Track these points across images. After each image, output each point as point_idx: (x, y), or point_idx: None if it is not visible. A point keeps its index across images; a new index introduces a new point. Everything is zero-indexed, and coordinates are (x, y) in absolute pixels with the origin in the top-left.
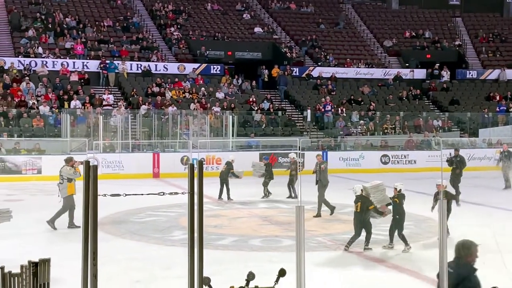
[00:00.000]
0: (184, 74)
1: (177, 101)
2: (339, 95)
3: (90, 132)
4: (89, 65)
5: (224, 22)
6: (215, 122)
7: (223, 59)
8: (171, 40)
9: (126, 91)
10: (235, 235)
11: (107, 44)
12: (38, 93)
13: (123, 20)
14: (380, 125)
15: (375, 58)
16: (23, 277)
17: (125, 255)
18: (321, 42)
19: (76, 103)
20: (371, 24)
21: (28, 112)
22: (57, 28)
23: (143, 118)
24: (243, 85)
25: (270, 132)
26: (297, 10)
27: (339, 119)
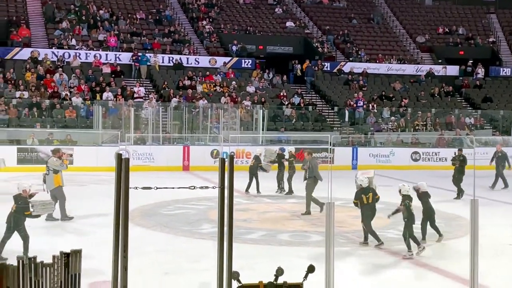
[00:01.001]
0: (215, 67)
1: (208, 95)
2: (370, 90)
3: (121, 124)
4: (121, 57)
5: (256, 16)
6: (245, 116)
7: (254, 53)
8: (203, 34)
9: (157, 84)
10: (264, 230)
11: (140, 36)
12: (71, 85)
13: (156, 13)
14: (411, 121)
15: (407, 54)
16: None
17: (154, 247)
18: (353, 37)
19: (108, 95)
20: (404, 20)
21: (61, 103)
22: (91, 20)
23: (174, 111)
24: (274, 79)
25: (300, 127)
26: (329, 5)
27: (370, 115)
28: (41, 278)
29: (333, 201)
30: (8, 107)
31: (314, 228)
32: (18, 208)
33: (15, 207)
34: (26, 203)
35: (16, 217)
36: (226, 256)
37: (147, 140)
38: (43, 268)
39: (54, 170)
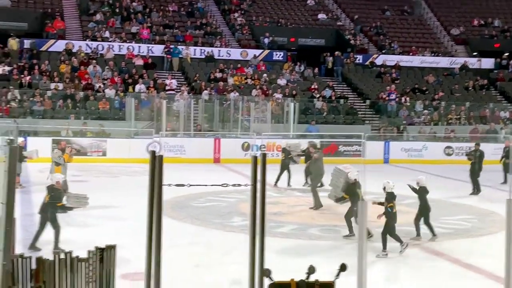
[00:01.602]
0: (246, 60)
1: (239, 87)
2: (403, 83)
3: (153, 116)
4: (153, 50)
5: (288, 8)
6: (276, 108)
7: (286, 45)
8: (234, 26)
9: (189, 76)
10: (294, 223)
11: (172, 29)
12: (104, 77)
13: (188, 5)
14: (445, 115)
15: (441, 46)
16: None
17: (185, 240)
18: (386, 29)
19: (141, 87)
20: (438, 12)
21: (94, 95)
22: (124, 12)
23: (205, 103)
24: (305, 72)
25: (331, 120)
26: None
27: (403, 108)
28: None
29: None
30: (43, 98)
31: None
32: (51, 198)
33: (47, 198)
34: (58, 194)
35: (48, 208)
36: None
37: (179, 132)
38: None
39: (56, 162)
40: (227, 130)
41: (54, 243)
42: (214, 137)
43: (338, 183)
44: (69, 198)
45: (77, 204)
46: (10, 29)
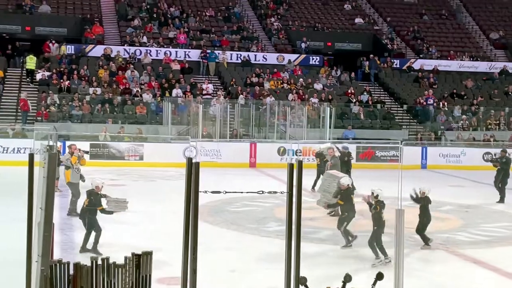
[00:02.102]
0: (283, 64)
1: (275, 92)
2: (441, 88)
3: (190, 120)
4: (190, 55)
5: (325, 13)
6: (313, 113)
7: (322, 50)
8: (271, 31)
9: (225, 81)
10: (330, 229)
11: (209, 33)
12: (141, 81)
13: (225, 10)
14: (484, 120)
15: (480, 50)
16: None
17: (221, 245)
18: (423, 34)
19: (178, 91)
20: (477, 16)
21: (132, 99)
22: (162, 17)
23: (241, 108)
24: (341, 76)
25: (368, 125)
26: (400, 1)
27: (440, 113)
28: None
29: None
30: (81, 103)
31: None
32: (91, 202)
33: (87, 202)
34: (98, 198)
35: (88, 212)
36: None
37: (215, 137)
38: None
39: (66, 166)
40: (263, 134)
41: (93, 245)
42: (250, 142)
43: (330, 189)
44: (109, 202)
45: (117, 208)
46: (50, 34)
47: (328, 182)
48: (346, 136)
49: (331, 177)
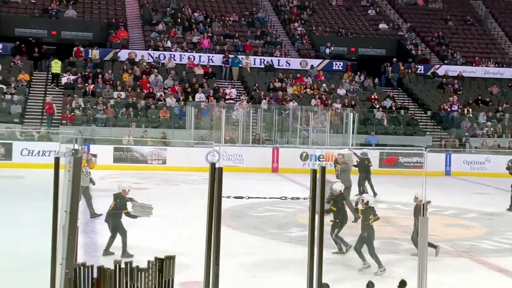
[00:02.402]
0: (306, 69)
1: (298, 97)
2: (465, 94)
3: (212, 125)
4: (214, 59)
5: (349, 18)
6: (336, 118)
7: (345, 55)
8: (294, 36)
9: (248, 86)
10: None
11: (232, 38)
12: (165, 86)
13: (249, 15)
14: (509, 127)
15: (505, 57)
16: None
17: (243, 250)
18: (448, 39)
19: (201, 96)
20: (503, 21)
21: (155, 103)
22: (186, 22)
23: (264, 112)
24: (365, 82)
25: (392, 131)
26: (424, 6)
27: (465, 120)
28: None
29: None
30: (106, 107)
31: (404, 235)
32: (116, 206)
33: (113, 205)
34: (124, 202)
35: (113, 215)
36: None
37: (237, 141)
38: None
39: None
40: (286, 139)
41: (122, 248)
42: (272, 147)
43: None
44: (134, 206)
45: (142, 213)
46: (76, 39)
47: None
48: (369, 142)
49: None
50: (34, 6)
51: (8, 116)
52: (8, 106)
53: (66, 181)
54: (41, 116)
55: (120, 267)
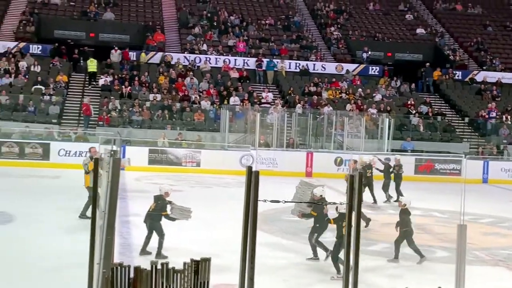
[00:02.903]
0: (341, 74)
1: (333, 101)
2: (504, 101)
3: (247, 128)
4: (249, 63)
5: (386, 23)
6: (371, 124)
7: (382, 60)
8: (330, 40)
9: (283, 90)
10: (387, 242)
11: (268, 42)
12: (200, 89)
13: (285, 19)
14: None
15: None
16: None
17: (276, 253)
18: (487, 45)
19: (235, 99)
20: None
21: (190, 106)
22: (222, 26)
23: (298, 117)
24: (401, 87)
25: (428, 137)
26: (463, 11)
27: (503, 127)
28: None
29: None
30: (141, 109)
31: (440, 243)
32: (157, 207)
33: (153, 206)
34: (164, 204)
35: (153, 216)
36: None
37: (271, 145)
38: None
39: (85, 170)
40: (320, 144)
41: (158, 249)
42: (306, 151)
43: (304, 198)
44: (173, 209)
45: (181, 216)
46: (113, 41)
47: (302, 190)
48: (404, 147)
49: (306, 185)
50: (73, 9)
51: (46, 116)
52: (47, 107)
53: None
54: (78, 117)
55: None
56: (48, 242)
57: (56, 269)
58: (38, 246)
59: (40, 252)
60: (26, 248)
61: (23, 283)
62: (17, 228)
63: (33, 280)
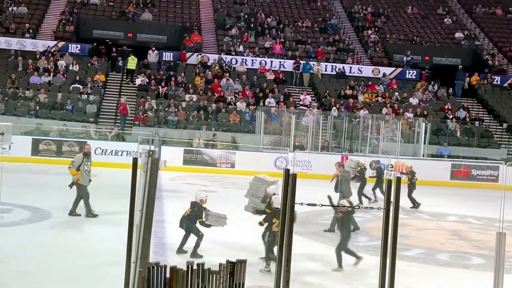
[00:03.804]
0: (378, 77)
1: (369, 105)
2: None
3: (282, 130)
4: (285, 65)
5: (424, 26)
6: (407, 128)
7: (419, 64)
8: (367, 43)
9: (319, 92)
10: (422, 247)
11: (304, 44)
12: (236, 90)
13: (322, 21)
14: None
15: None
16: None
17: (309, 257)
18: None
19: (271, 101)
20: None
21: (226, 107)
22: (258, 27)
23: (334, 119)
24: (438, 91)
25: (465, 143)
26: (503, 16)
27: None
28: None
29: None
30: (177, 109)
31: (476, 250)
32: (192, 214)
33: (189, 212)
34: (200, 211)
35: (188, 221)
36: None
37: (306, 148)
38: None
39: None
40: (355, 147)
41: (194, 248)
42: (341, 154)
43: (258, 194)
44: (208, 216)
45: (216, 223)
46: (151, 41)
47: (256, 187)
48: (441, 152)
49: (260, 181)
50: (111, 9)
51: (84, 115)
52: (84, 106)
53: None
54: (115, 116)
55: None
56: (84, 239)
57: (93, 267)
58: (74, 243)
59: (77, 249)
60: (63, 245)
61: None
62: (53, 225)
63: (71, 277)
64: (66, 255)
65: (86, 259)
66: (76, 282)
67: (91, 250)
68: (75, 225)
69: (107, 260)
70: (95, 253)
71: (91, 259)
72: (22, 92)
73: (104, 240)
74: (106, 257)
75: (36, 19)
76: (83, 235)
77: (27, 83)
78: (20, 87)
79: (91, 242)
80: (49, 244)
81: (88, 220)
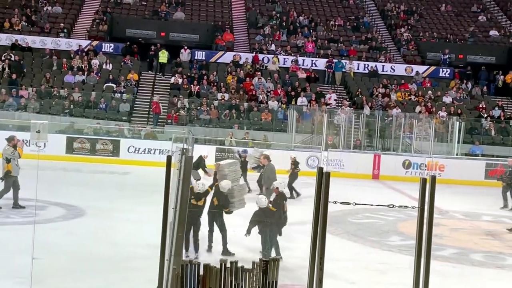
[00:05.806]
0: (411, 76)
1: (402, 103)
2: None
3: (313, 129)
4: (317, 63)
5: (458, 24)
6: (440, 127)
7: (453, 62)
8: (400, 41)
9: (351, 91)
10: (456, 247)
11: (337, 43)
12: (268, 88)
13: (354, 20)
14: None
15: None
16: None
17: (341, 255)
18: None
19: (303, 100)
20: None
21: (258, 106)
22: (290, 26)
23: (366, 118)
24: (473, 90)
25: (499, 142)
26: None
27: None
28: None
29: None
30: (209, 108)
31: (510, 250)
32: (219, 205)
33: (216, 202)
34: (227, 201)
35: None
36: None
37: (338, 146)
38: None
39: (6, 159)
40: (387, 146)
41: (223, 247)
42: (374, 153)
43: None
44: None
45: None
46: (183, 40)
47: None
48: (473, 151)
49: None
50: (144, 8)
51: (117, 114)
52: (117, 104)
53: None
54: (148, 115)
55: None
56: (118, 236)
57: (127, 264)
58: (108, 240)
59: (111, 246)
60: (97, 241)
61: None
62: (88, 222)
63: (104, 273)
64: (100, 251)
65: (119, 255)
66: (110, 279)
67: (124, 247)
68: (108, 222)
69: (140, 256)
70: (128, 250)
71: (124, 255)
72: (56, 91)
73: (137, 238)
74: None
75: (70, 19)
76: (116, 231)
77: (62, 82)
78: (55, 86)
79: (125, 239)
80: (83, 241)
81: (121, 218)
